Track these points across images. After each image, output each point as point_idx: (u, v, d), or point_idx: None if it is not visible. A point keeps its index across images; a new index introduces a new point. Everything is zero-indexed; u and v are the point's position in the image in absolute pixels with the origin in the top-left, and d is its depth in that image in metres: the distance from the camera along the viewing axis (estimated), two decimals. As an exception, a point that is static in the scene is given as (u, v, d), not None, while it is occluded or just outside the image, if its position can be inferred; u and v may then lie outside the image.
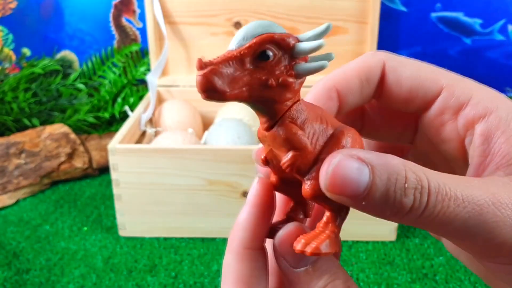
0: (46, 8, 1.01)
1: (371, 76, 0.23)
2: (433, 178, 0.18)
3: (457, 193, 0.18)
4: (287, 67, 0.20)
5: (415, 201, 0.18)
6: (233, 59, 0.19)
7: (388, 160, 0.18)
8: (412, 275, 0.64)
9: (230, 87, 0.19)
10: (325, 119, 0.21)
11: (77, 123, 0.97)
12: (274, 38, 0.19)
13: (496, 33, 0.96)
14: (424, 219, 0.18)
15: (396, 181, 0.18)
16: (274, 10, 0.90)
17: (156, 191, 0.70)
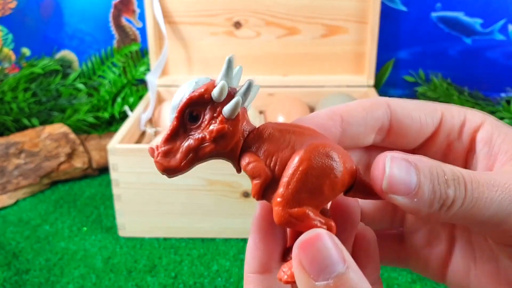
0: (45, 8, 1.01)
1: (375, 107, 0.24)
2: (464, 171, 0.20)
3: (486, 180, 0.20)
4: (215, 117, 0.20)
5: (456, 191, 0.19)
6: (170, 135, 0.21)
7: (424, 159, 0.20)
8: (413, 275, 0.64)
9: (180, 161, 0.21)
10: (292, 138, 0.21)
11: (77, 123, 0.97)
12: (192, 100, 0.20)
13: (497, 33, 0.96)
14: (465, 208, 0.20)
15: (437, 176, 0.20)
16: (273, 10, 0.90)
17: (156, 191, 0.70)
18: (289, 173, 0.20)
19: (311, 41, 0.92)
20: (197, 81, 0.21)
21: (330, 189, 0.20)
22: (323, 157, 0.20)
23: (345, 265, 0.18)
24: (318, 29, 0.91)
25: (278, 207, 0.20)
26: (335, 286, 0.18)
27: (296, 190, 0.20)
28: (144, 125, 0.84)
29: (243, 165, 0.21)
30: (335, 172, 0.20)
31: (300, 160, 0.20)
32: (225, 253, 0.69)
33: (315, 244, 0.18)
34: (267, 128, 0.21)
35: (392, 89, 1.03)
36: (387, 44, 0.98)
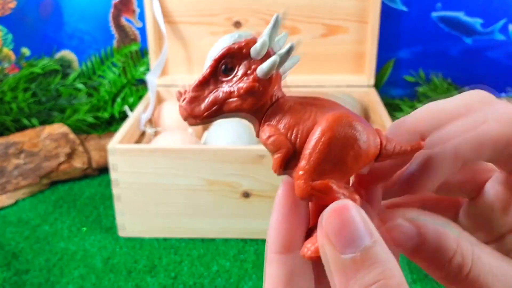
0: (45, 7, 1.01)
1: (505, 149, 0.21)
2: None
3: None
4: (248, 73, 0.20)
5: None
6: (201, 82, 0.20)
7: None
8: (413, 275, 0.64)
9: (204, 110, 0.20)
10: (313, 109, 0.20)
11: (77, 123, 0.97)
12: (229, 52, 0.20)
13: (497, 32, 0.95)
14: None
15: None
16: (273, 9, 0.90)
17: (156, 191, 0.69)
18: (311, 145, 0.19)
19: (311, 41, 0.92)
20: (240, 35, 0.21)
21: (354, 161, 0.19)
22: (346, 127, 0.19)
23: (372, 238, 0.17)
24: (318, 29, 0.91)
25: (300, 180, 0.19)
26: (362, 259, 0.17)
27: (319, 162, 0.19)
28: (144, 125, 0.84)
29: (264, 139, 0.20)
30: (359, 143, 0.19)
31: (322, 131, 0.19)
32: (225, 254, 0.69)
33: (342, 215, 0.18)
34: (288, 101, 0.21)
35: (392, 89, 1.03)
36: (387, 44, 0.98)
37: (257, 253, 0.69)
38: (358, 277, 0.17)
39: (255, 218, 0.70)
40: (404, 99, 1.01)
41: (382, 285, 0.17)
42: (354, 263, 0.17)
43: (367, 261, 0.17)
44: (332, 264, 0.18)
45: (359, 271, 0.17)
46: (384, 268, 0.17)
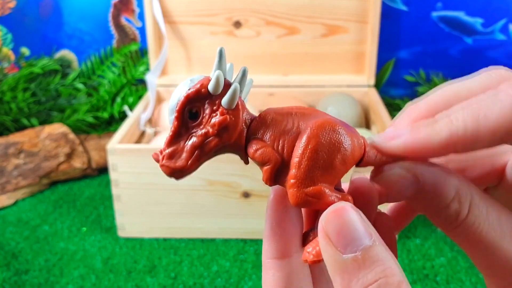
0: (45, 7, 1.01)
1: (505, 141, 0.19)
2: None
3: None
4: (215, 110, 0.20)
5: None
6: (172, 136, 0.21)
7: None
8: (413, 276, 0.64)
9: (186, 160, 0.21)
10: (296, 119, 0.21)
11: (76, 123, 0.97)
12: (189, 97, 0.20)
13: (497, 32, 0.95)
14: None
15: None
16: (273, 9, 0.90)
17: (156, 191, 0.69)
18: (299, 153, 0.20)
19: (311, 41, 0.92)
20: (192, 79, 0.21)
21: (342, 163, 0.20)
22: (330, 132, 0.20)
23: (372, 238, 0.18)
24: (318, 29, 0.91)
25: (292, 188, 0.20)
26: (363, 258, 0.17)
27: (309, 168, 0.20)
28: (144, 125, 0.84)
29: (251, 152, 0.21)
30: (344, 146, 0.20)
31: (308, 139, 0.20)
32: (225, 254, 0.69)
33: (341, 216, 0.18)
34: (269, 113, 0.21)
35: (392, 89, 1.03)
36: (387, 44, 0.98)
37: (257, 253, 0.69)
38: (360, 276, 0.17)
39: (255, 218, 0.70)
40: (405, 99, 1.01)
41: (383, 283, 0.17)
42: (355, 262, 0.17)
43: (367, 260, 0.17)
44: (333, 264, 0.18)
45: (360, 270, 0.17)
46: (384, 266, 0.17)
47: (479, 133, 0.19)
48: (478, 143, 0.19)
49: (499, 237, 0.19)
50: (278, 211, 0.22)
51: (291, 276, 0.21)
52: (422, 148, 0.19)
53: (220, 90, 0.20)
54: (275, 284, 0.21)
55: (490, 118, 0.18)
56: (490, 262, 0.20)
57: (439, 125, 0.19)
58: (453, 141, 0.19)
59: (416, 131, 0.20)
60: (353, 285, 0.17)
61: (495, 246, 0.19)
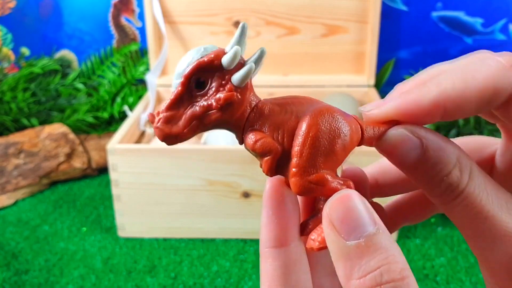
0: (45, 7, 1.01)
1: (493, 101, 0.20)
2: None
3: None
4: (223, 84, 0.20)
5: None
6: (174, 101, 0.20)
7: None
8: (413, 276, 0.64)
9: (182, 127, 0.20)
10: (293, 108, 0.21)
11: (76, 123, 0.97)
12: (200, 65, 0.20)
13: (498, 32, 0.95)
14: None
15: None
16: (273, 9, 0.90)
17: (156, 191, 0.69)
18: (299, 142, 0.20)
19: (311, 41, 0.92)
20: (206, 48, 0.20)
21: (342, 149, 0.20)
22: (330, 119, 0.20)
23: (376, 226, 0.18)
24: (318, 29, 0.91)
25: (295, 177, 0.20)
26: (366, 245, 0.17)
27: (310, 156, 0.20)
28: (144, 125, 0.84)
29: (250, 144, 0.20)
30: (344, 131, 0.20)
31: (308, 126, 0.20)
32: (225, 254, 0.69)
33: (345, 203, 0.18)
34: (266, 104, 0.21)
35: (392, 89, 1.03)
36: (387, 44, 0.98)
37: (257, 253, 0.69)
38: (363, 263, 0.17)
39: (255, 218, 0.70)
40: (404, 99, 1.01)
41: (385, 270, 0.17)
42: (359, 249, 0.18)
43: (371, 247, 0.17)
44: (337, 251, 0.18)
45: (363, 257, 0.17)
46: (387, 254, 0.17)
47: (466, 92, 0.19)
48: (466, 102, 0.19)
49: (498, 209, 0.19)
50: (275, 199, 0.22)
51: (288, 265, 0.21)
52: (413, 108, 0.20)
53: (234, 66, 0.20)
54: (273, 273, 0.21)
55: (478, 78, 0.19)
56: (488, 236, 0.19)
57: (428, 86, 0.20)
58: (442, 100, 0.19)
59: (406, 94, 0.20)
60: (356, 272, 0.17)
61: (493, 218, 0.19)
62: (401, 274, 0.17)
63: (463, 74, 0.19)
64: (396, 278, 0.17)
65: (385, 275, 0.17)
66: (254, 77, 0.21)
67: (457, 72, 0.20)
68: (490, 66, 0.19)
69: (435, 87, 0.19)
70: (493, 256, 0.20)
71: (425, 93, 0.19)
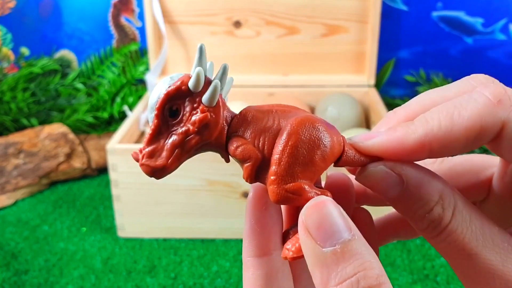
0: (44, 7, 1.01)
1: (480, 139, 0.19)
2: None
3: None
4: (195, 107, 0.20)
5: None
6: (153, 135, 0.20)
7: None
8: (413, 276, 0.64)
9: (166, 159, 0.20)
10: (276, 116, 0.21)
11: (76, 123, 0.97)
12: (169, 95, 0.20)
13: (498, 32, 0.95)
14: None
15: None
16: (273, 9, 0.90)
17: (155, 191, 0.69)
18: (279, 150, 0.20)
19: (311, 41, 0.92)
20: (172, 77, 0.21)
21: (322, 160, 0.20)
22: (310, 129, 0.20)
23: (351, 232, 0.18)
24: (319, 29, 0.91)
25: (273, 185, 0.20)
26: (342, 252, 0.17)
27: (289, 165, 0.20)
28: (144, 125, 0.84)
29: (232, 150, 0.20)
30: (324, 143, 0.20)
31: (288, 135, 0.20)
32: (225, 254, 0.69)
33: (321, 210, 0.18)
34: (249, 111, 0.21)
35: (392, 89, 1.03)
36: (387, 44, 0.98)
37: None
38: (339, 269, 0.17)
39: (255, 219, 0.70)
40: (405, 99, 1.01)
41: (362, 276, 0.17)
42: (335, 255, 0.17)
43: (347, 253, 0.17)
44: (313, 258, 0.18)
45: (339, 264, 0.17)
46: (363, 260, 0.17)
47: (453, 131, 0.19)
48: (453, 142, 0.19)
49: (482, 246, 0.19)
50: (258, 208, 0.22)
51: (271, 274, 0.21)
52: (398, 147, 0.20)
53: (201, 87, 0.20)
54: (255, 282, 0.21)
55: (464, 116, 0.19)
56: (472, 273, 0.19)
57: (415, 125, 0.19)
58: (428, 140, 0.19)
59: (392, 131, 0.20)
60: (332, 279, 0.17)
61: (477, 255, 0.19)
62: (377, 280, 0.17)
63: (449, 112, 0.19)
64: (372, 284, 0.17)
65: (361, 281, 0.17)
66: (225, 94, 0.21)
67: (443, 108, 0.19)
68: (476, 102, 0.19)
69: (422, 126, 0.19)
70: None
71: (411, 132, 0.19)
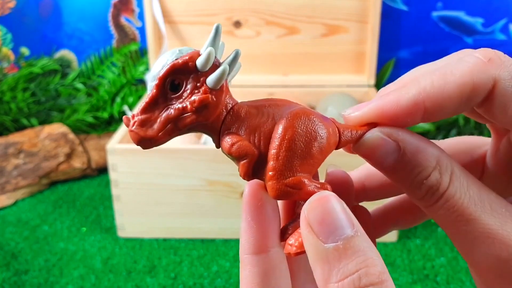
0: (44, 7, 1.01)
1: (473, 97, 0.19)
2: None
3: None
4: (198, 86, 0.20)
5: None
6: (149, 103, 0.20)
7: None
8: (413, 276, 0.64)
9: (157, 131, 0.19)
10: (270, 111, 0.20)
11: (76, 123, 0.97)
12: (175, 68, 0.20)
13: (498, 32, 0.95)
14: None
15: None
16: (273, 9, 0.90)
17: (155, 191, 0.69)
18: (276, 145, 0.19)
19: (311, 41, 0.92)
20: (181, 50, 0.20)
21: (319, 152, 0.20)
22: (306, 122, 0.20)
23: (354, 229, 0.18)
24: (319, 29, 0.91)
25: (272, 180, 0.19)
26: (344, 248, 0.17)
27: (287, 159, 0.19)
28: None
29: (227, 147, 0.20)
30: (320, 134, 0.20)
31: (284, 129, 0.19)
32: (225, 254, 0.69)
33: (323, 205, 0.18)
34: (242, 107, 0.21)
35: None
36: (387, 44, 0.98)
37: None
38: (341, 266, 0.17)
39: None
40: (404, 99, 1.01)
41: (364, 273, 0.17)
42: (337, 252, 0.17)
43: (349, 250, 0.17)
44: (315, 254, 0.18)
45: (341, 260, 0.17)
46: (366, 257, 0.17)
47: (446, 88, 0.19)
48: (446, 100, 0.19)
49: (480, 211, 0.19)
50: (254, 205, 0.22)
51: (268, 271, 0.21)
52: (392, 109, 0.19)
53: (208, 67, 0.20)
54: (252, 279, 0.21)
55: (456, 74, 0.19)
56: (470, 238, 0.19)
57: (408, 87, 0.19)
58: (422, 98, 0.19)
59: (385, 96, 0.20)
60: (334, 275, 0.17)
61: (476, 220, 0.19)
62: (379, 278, 0.17)
63: (441, 72, 0.19)
64: (374, 282, 0.17)
65: (363, 278, 0.17)
66: (233, 79, 0.21)
67: (435, 70, 0.19)
68: (468, 62, 0.19)
69: (414, 86, 0.19)
70: (477, 257, 0.20)
71: (404, 93, 0.19)
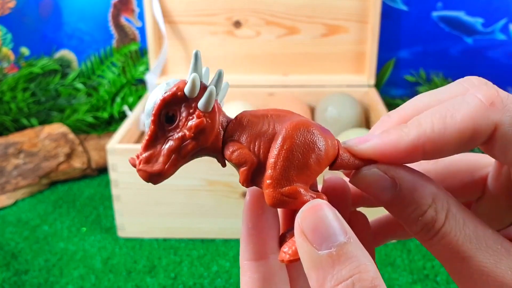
0: (44, 7, 1.01)
1: (473, 141, 0.19)
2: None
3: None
4: (191, 113, 0.20)
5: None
6: (149, 140, 0.21)
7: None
8: (413, 276, 0.64)
9: (163, 164, 0.20)
10: (271, 121, 0.21)
11: (76, 123, 0.97)
12: (165, 101, 0.20)
13: (498, 32, 0.95)
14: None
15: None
16: (273, 9, 0.90)
17: (155, 191, 0.69)
18: (274, 154, 0.20)
19: (311, 41, 0.92)
20: (168, 83, 0.21)
21: (317, 164, 0.20)
22: (305, 133, 0.20)
23: (347, 235, 0.18)
24: (319, 29, 0.91)
25: (269, 189, 0.20)
26: (337, 255, 0.18)
27: (284, 169, 0.20)
28: (144, 125, 0.84)
29: (228, 154, 0.21)
30: (318, 146, 0.20)
31: (283, 139, 0.20)
32: (225, 254, 0.69)
33: (316, 213, 0.19)
34: (245, 115, 0.21)
35: (393, 89, 1.03)
36: (387, 44, 0.98)
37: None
38: (334, 272, 0.18)
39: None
40: (405, 99, 1.01)
41: (357, 279, 0.17)
42: (330, 258, 0.18)
43: (342, 256, 0.18)
44: (309, 261, 0.18)
45: (335, 267, 0.18)
46: (359, 263, 0.18)
47: (446, 133, 0.19)
48: (446, 144, 0.19)
49: (475, 249, 0.19)
50: (254, 212, 0.22)
51: (268, 277, 0.22)
52: (391, 150, 0.20)
53: (196, 93, 0.20)
54: (252, 285, 0.22)
55: (457, 118, 0.19)
56: (466, 275, 0.19)
57: (408, 128, 0.20)
58: (421, 142, 0.19)
59: (386, 134, 0.20)
60: (328, 281, 0.18)
61: (471, 258, 0.19)
62: (372, 283, 0.17)
63: (442, 114, 0.19)
64: (367, 287, 0.17)
65: (357, 284, 0.17)
66: (221, 99, 0.22)
67: (436, 111, 0.19)
68: (469, 105, 0.19)
69: (415, 128, 0.19)
70: None
71: (404, 134, 0.19)
